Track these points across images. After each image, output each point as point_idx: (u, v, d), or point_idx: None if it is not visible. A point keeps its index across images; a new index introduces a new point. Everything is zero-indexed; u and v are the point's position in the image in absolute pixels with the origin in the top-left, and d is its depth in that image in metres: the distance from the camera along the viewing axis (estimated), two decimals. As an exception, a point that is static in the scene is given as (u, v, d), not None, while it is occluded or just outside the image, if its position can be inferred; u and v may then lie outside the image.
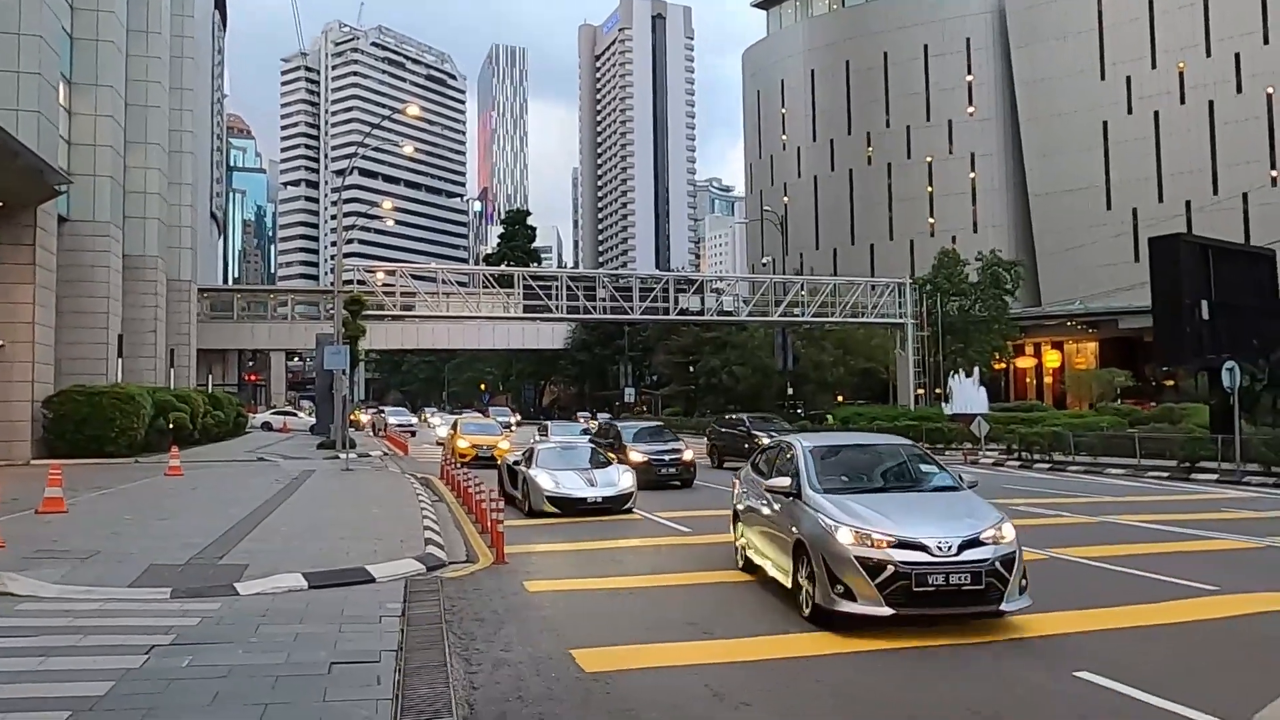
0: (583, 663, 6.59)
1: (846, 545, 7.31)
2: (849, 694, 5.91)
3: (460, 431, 27.96)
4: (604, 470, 16.46)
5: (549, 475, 15.74)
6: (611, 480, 16.02)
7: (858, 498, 8.10)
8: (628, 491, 15.81)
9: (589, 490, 15.52)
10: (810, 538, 7.67)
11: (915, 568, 7.10)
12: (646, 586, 9.64)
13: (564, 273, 56.51)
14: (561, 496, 15.28)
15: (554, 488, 15.35)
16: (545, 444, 18.20)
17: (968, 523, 7.61)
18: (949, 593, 7.12)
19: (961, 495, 8.48)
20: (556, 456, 16.88)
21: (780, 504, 8.62)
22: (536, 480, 15.53)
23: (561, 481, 15.56)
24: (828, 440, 10.23)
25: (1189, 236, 31.33)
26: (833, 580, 7.28)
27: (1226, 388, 22.60)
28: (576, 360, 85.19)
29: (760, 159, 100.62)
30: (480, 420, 35.50)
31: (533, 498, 15.45)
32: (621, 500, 15.63)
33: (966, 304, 58.39)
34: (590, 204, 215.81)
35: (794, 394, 51.07)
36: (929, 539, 7.23)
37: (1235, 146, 67.13)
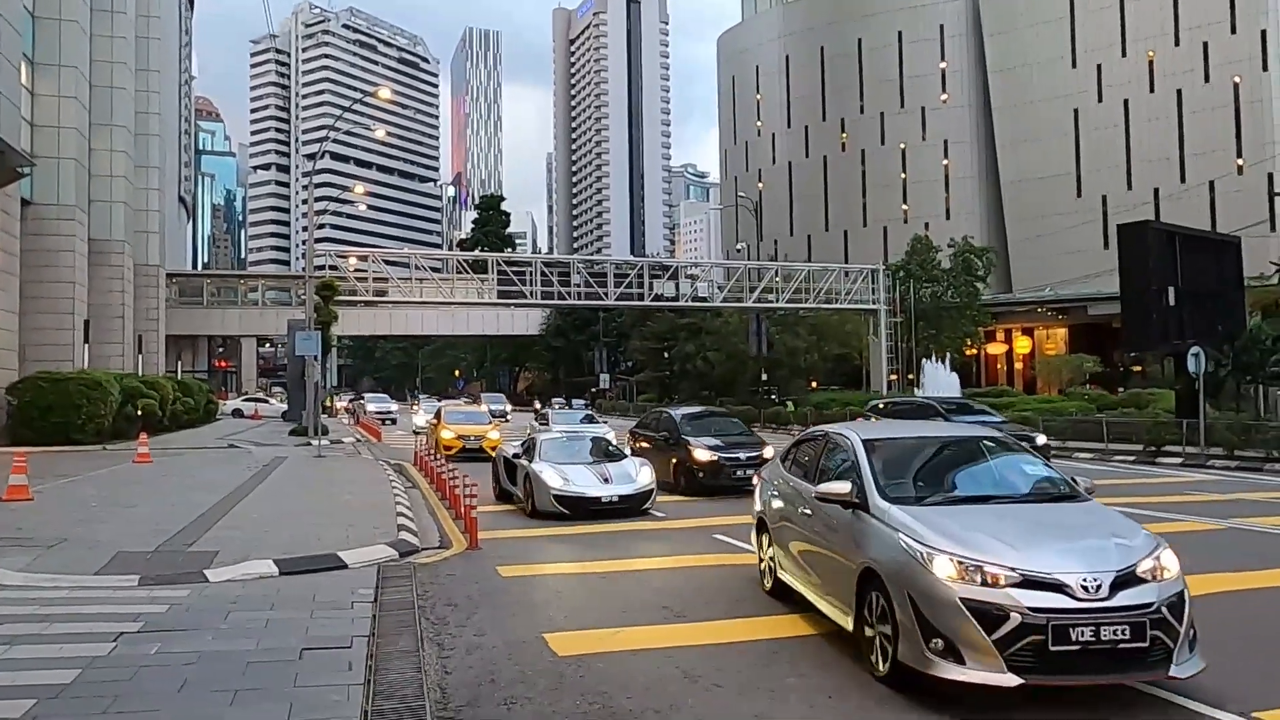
0: (555, 647, 6.61)
1: (947, 582, 5.28)
2: (819, 673, 5.95)
3: (444, 420, 24.97)
4: (618, 464, 14.44)
5: (555, 470, 13.67)
6: (628, 475, 13.97)
7: (948, 511, 6.06)
8: (647, 488, 13.85)
9: (603, 488, 13.51)
10: (888, 567, 5.67)
11: (1052, 617, 5.03)
12: (620, 571, 9.66)
13: (538, 258, 56.29)
14: (571, 495, 13.30)
15: (562, 485, 13.36)
16: (549, 434, 16.27)
17: (1116, 549, 5.52)
18: (1100, 653, 5.06)
19: (1087, 507, 6.37)
20: (562, 448, 14.95)
21: (834, 516, 6.56)
22: (541, 476, 13.52)
23: (571, 478, 13.54)
24: (887, 432, 8.15)
25: (1157, 224, 31.73)
26: (927, 631, 5.25)
27: (1192, 373, 22.99)
28: (551, 346, 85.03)
29: (735, 145, 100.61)
30: (466, 408, 32.97)
31: (537, 496, 13.53)
32: (640, 499, 13.70)
33: (939, 290, 58.79)
34: (565, 189, 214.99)
35: (768, 380, 51.25)
36: (1067, 574, 5.18)
37: (1203, 135, 67.97)
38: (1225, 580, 8.66)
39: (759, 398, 47.90)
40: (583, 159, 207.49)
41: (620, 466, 14.30)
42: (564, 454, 14.58)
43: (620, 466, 14.30)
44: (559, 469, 13.75)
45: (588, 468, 14.09)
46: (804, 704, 5.42)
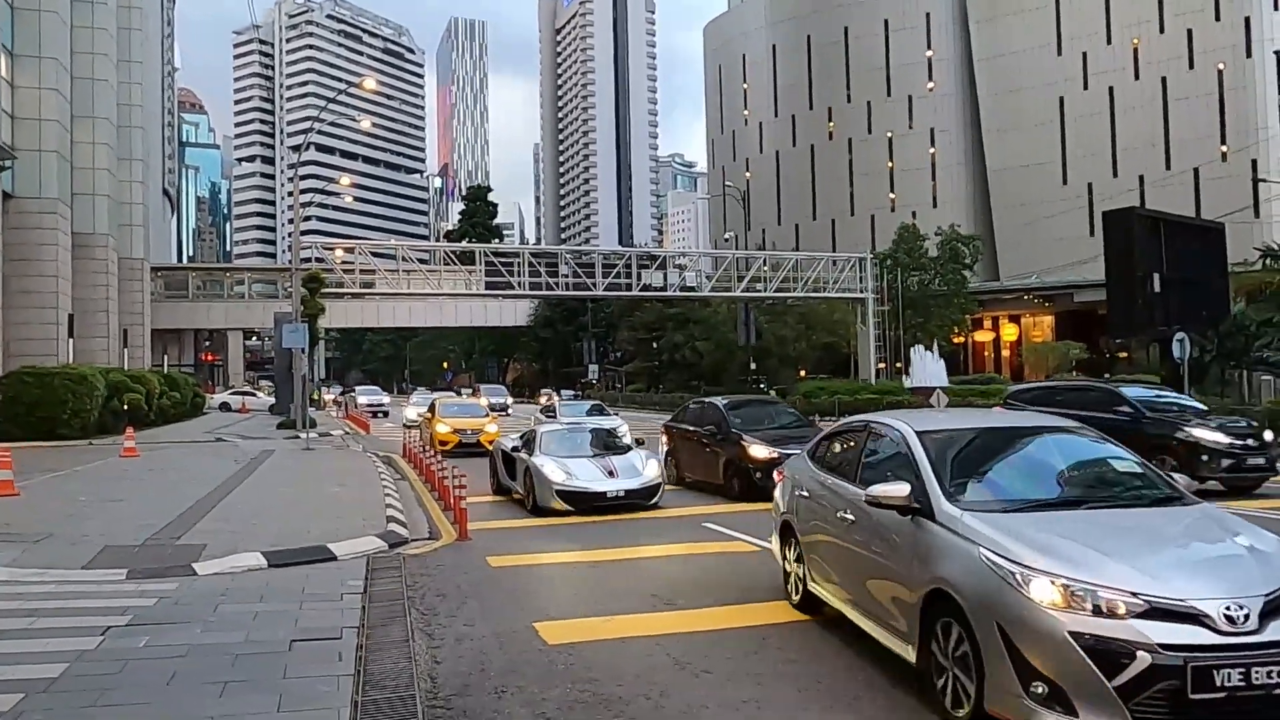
0: (545, 635, 6.62)
1: (1050, 610, 4.23)
2: (807, 660, 5.98)
3: (439, 414, 23.69)
4: (623, 456, 13.83)
5: (557, 464, 13.10)
6: (634, 469, 13.39)
7: (1037, 519, 4.96)
8: (654, 482, 13.27)
9: (608, 482, 12.95)
10: (967, 590, 4.59)
11: (1191, 656, 4.00)
12: (610, 560, 9.68)
13: (526, 249, 56.17)
14: (575, 490, 12.75)
15: (565, 480, 12.80)
16: (550, 427, 15.47)
17: (1259, 566, 4.49)
18: (1252, 700, 4.00)
19: (1203, 510, 5.29)
20: (564, 441, 14.29)
21: (887, 524, 5.49)
22: (543, 471, 12.94)
23: (574, 472, 12.98)
24: (944, 422, 6.68)
25: (1142, 211, 31.83)
26: (1025, 673, 4.23)
27: (1176, 359, 23.20)
28: (539, 337, 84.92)
29: (722, 134, 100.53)
30: (462, 400, 32.15)
31: (538, 491, 12.93)
32: (647, 493, 13.10)
33: (926, 278, 59.04)
34: (552, 180, 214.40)
35: (757, 369, 51.38)
36: (1205, 600, 4.16)
37: (1187, 122, 68.28)
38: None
39: (748, 387, 47.98)
40: (570, 149, 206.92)
41: (625, 459, 13.67)
42: (566, 447, 13.93)
43: (625, 459, 13.67)
44: (561, 463, 13.16)
45: (591, 461, 13.47)
46: (793, 689, 5.45)
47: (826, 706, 5.18)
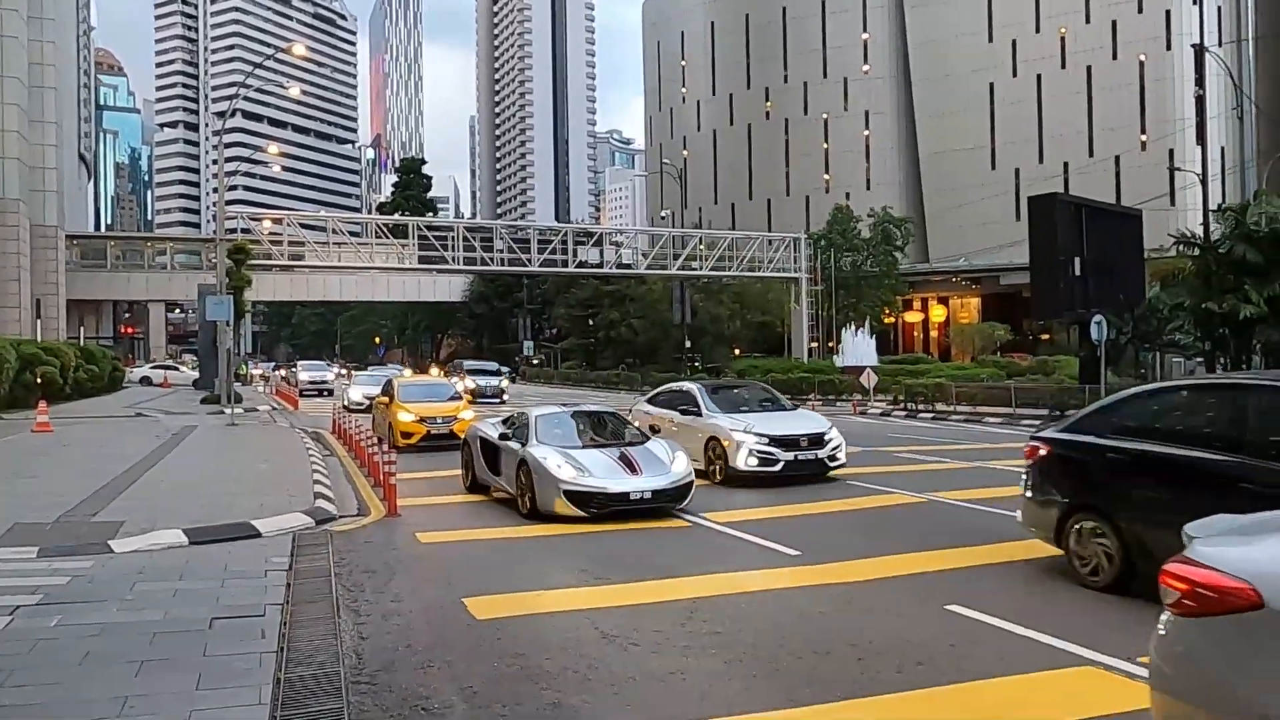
0: (474, 610, 6.60)
1: None
2: (734, 631, 6.09)
3: (399, 397, 18.76)
4: (642, 447, 11.13)
5: (563, 457, 10.44)
6: (659, 463, 10.71)
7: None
8: (685, 479, 10.64)
9: (630, 480, 10.31)
10: None
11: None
12: (540, 535, 9.68)
13: (460, 223, 55.38)
14: (588, 491, 10.09)
15: (575, 477, 10.17)
16: (545, 409, 12.49)
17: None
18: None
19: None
20: (565, 426, 11.79)
21: None
22: (545, 465, 10.32)
23: (587, 467, 10.35)
24: None
25: (1065, 196, 32.82)
26: None
27: (1094, 340, 24.00)
28: (475, 313, 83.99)
29: (660, 111, 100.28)
30: (425, 380, 26.84)
31: (539, 491, 10.31)
32: (678, 494, 10.53)
33: (859, 259, 59.98)
34: (488, 153, 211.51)
35: (692, 347, 51.67)
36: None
37: (1110, 111, 70.36)
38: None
39: (683, 365, 48.26)
40: (506, 123, 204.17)
41: (646, 451, 11.01)
42: (568, 435, 11.51)
43: (646, 451, 11.01)
44: (566, 454, 10.52)
45: (603, 452, 10.86)
46: (719, 660, 5.54)
47: (751, 675, 5.28)
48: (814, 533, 9.48)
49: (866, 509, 11.05)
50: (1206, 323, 26.97)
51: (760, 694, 4.95)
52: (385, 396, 19.60)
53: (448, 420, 18.06)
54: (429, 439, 17.88)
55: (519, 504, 10.79)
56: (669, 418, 14.84)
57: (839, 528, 9.91)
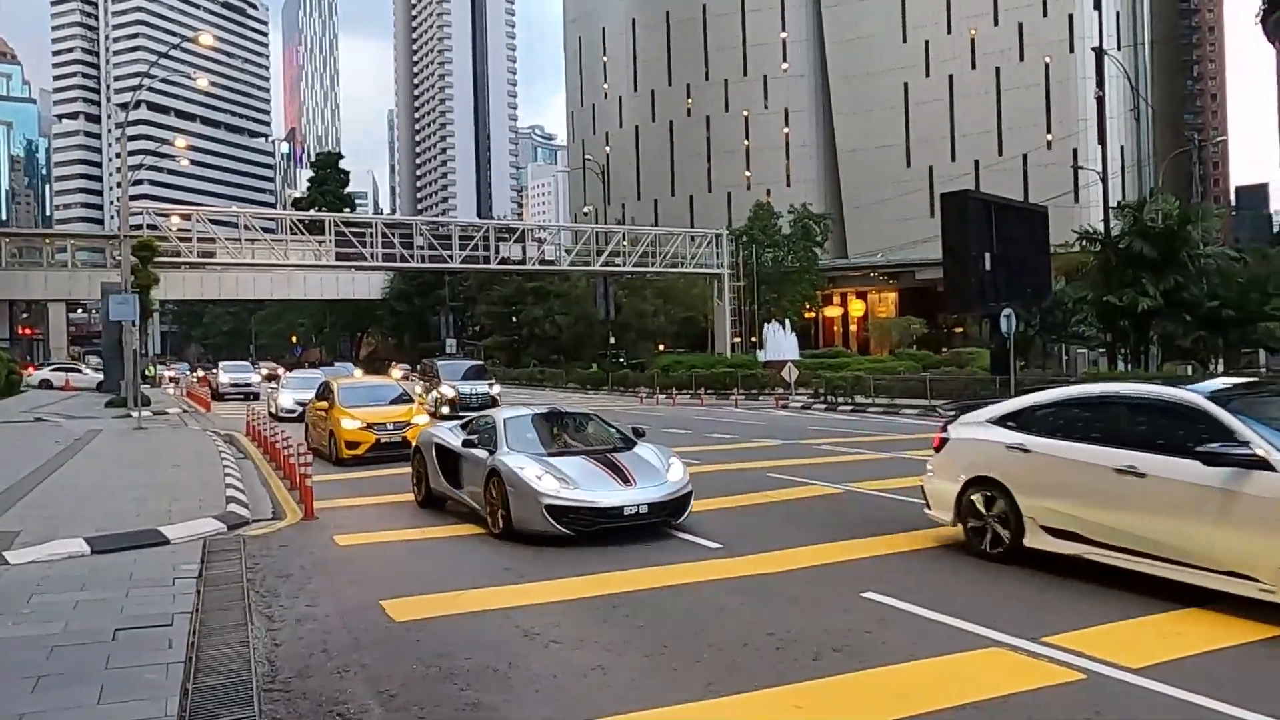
0: (392, 613, 6.50)
1: None
2: (654, 626, 6.12)
3: (340, 401, 16.43)
4: (630, 454, 9.78)
5: (543, 466, 9.12)
6: (653, 471, 9.39)
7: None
8: (684, 490, 9.32)
9: (622, 492, 8.96)
10: None
11: None
12: (461, 535, 9.57)
13: (379, 219, 54.36)
14: (576, 506, 8.76)
15: (559, 490, 8.82)
16: (514, 411, 11.10)
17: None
18: None
19: None
20: (541, 430, 10.43)
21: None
22: (521, 476, 8.97)
23: (571, 477, 8.98)
24: None
25: (975, 194, 33.77)
26: None
27: (1004, 333, 24.82)
28: (395, 311, 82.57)
29: (582, 107, 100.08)
30: (369, 380, 22.86)
31: (515, 506, 8.95)
32: (676, 508, 9.22)
33: (780, 255, 60.91)
34: (407, 148, 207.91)
35: (616, 343, 51.75)
36: None
37: (1018, 111, 72.85)
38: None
39: (607, 361, 48.30)
40: (426, 117, 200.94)
41: (636, 457, 9.69)
42: (544, 440, 10.19)
43: (636, 457, 9.69)
44: (546, 463, 9.21)
45: (588, 460, 9.48)
46: (640, 654, 5.56)
47: (672, 668, 5.32)
48: (735, 526, 9.59)
49: (786, 501, 11.23)
50: (1108, 315, 28.20)
51: (681, 686, 4.99)
52: (323, 401, 17.16)
53: (400, 426, 15.97)
54: (378, 449, 15.57)
55: (489, 522, 9.30)
56: None
57: (760, 520, 10.04)
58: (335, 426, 15.93)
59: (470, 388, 26.76)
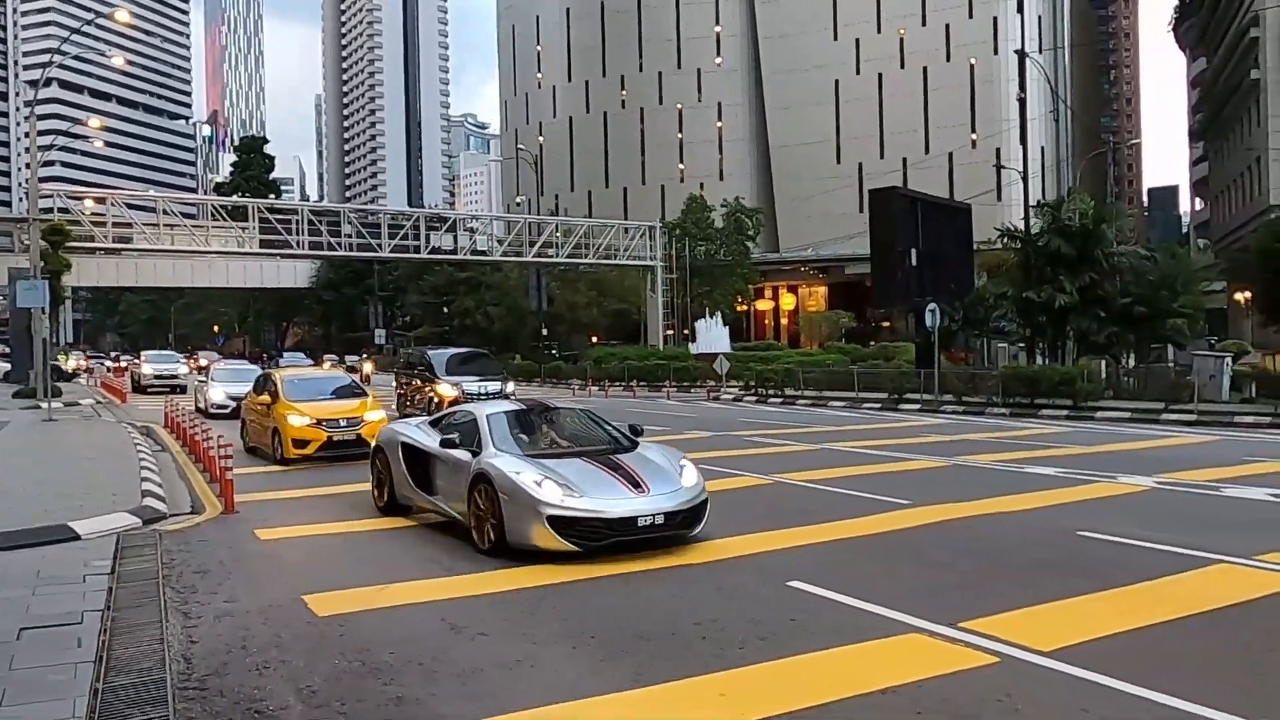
0: (315, 608, 6.37)
1: None
2: (581, 617, 6.13)
3: (285, 395, 15.03)
4: (636, 455, 8.69)
5: (541, 470, 7.98)
6: (663, 475, 8.28)
7: None
8: (700, 498, 8.25)
9: (635, 500, 7.84)
10: None
11: None
12: (387, 529, 9.43)
13: (305, 206, 53.16)
14: (584, 517, 7.63)
15: (563, 499, 7.66)
16: (497, 406, 9.84)
17: None
18: None
19: None
20: (531, 430, 9.35)
21: None
22: (519, 483, 7.78)
23: (576, 484, 7.83)
24: None
25: (902, 190, 34.48)
26: None
27: (929, 327, 25.39)
28: (322, 300, 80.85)
29: (515, 96, 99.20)
30: (314, 372, 22.33)
31: (510, 517, 7.75)
32: (692, 517, 8.16)
33: (712, 249, 61.39)
34: (335, 135, 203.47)
35: (549, 334, 51.54)
36: None
37: (944, 110, 74.55)
38: (947, 510, 9.70)
39: (540, 352, 48.07)
40: (355, 103, 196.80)
41: (642, 459, 8.59)
42: (535, 440, 9.15)
43: (642, 459, 8.59)
44: (545, 468, 8.04)
45: (590, 463, 8.35)
46: (567, 646, 5.56)
47: (599, 659, 5.33)
48: (665, 516, 9.62)
49: (716, 491, 11.26)
50: (1027, 311, 29.05)
51: (608, 677, 5.00)
52: (264, 396, 15.55)
53: (353, 423, 14.65)
54: (330, 448, 14.29)
55: (476, 536, 8.10)
56: None
57: (689, 511, 10.10)
58: (280, 423, 14.49)
59: (479, 386, 20.80)
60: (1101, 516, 9.31)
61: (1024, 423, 21.14)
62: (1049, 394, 23.22)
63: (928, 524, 9.11)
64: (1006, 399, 23.97)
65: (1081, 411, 22.00)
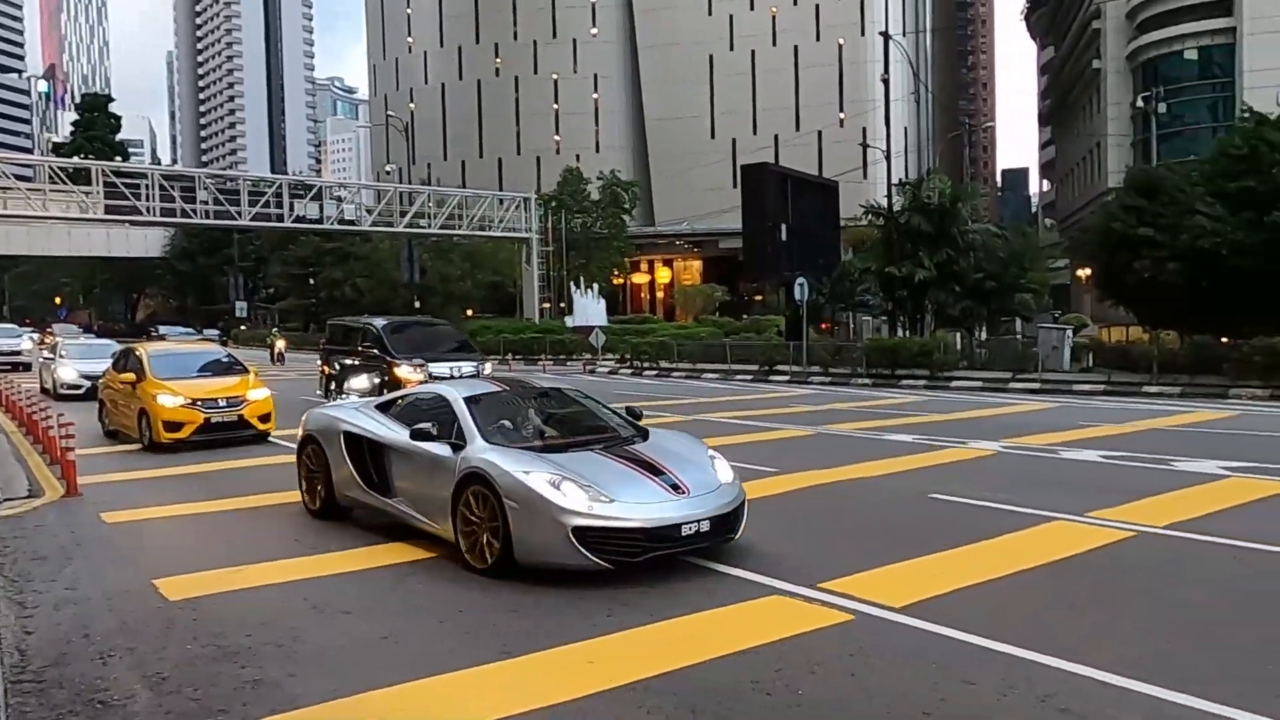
0: (166, 592, 6.08)
1: None
2: (449, 592, 6.06)
3: (152, 373, 13.55)
4: (654, 445, 7.25)
5: (555, 470, 6.36)
6: (693, 467, 6.89)
7: None
8: (741, 497, 6.90)
9: (675, 503, 6.41)
10: None
11: None
12: (246, 509, 9.07)
13: (156, 170, 49.97)
14: (620, 528, 6.15)
15: (591, 506, 6.15)
16: (475, 389, 7.99)
17: None
18: None
19: None
20: (523, 416, 7.77)
21: None
22: (530, 486, 6.21)
23: (605, 488, 6.29)
24: None
25: (773, 167, 35.20)
26: None
27: (798, 301, 26.16)
28: (177, 270, 76.55)
29: (385, 61, 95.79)
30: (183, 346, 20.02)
31: (521, 529, 6.19)
32: (735, 519, 6.77)
33: (589, 221, 61.21)
34: (190, 95, 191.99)
35: (421, 307, 50.34)
36: None
37: (814, 89, 76.38)
38: (811, 477, 10.05)
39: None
40: (211, 61, 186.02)
41: (663, 449, 7.14)
42: (531, 430, 7.58)
43: (663, 449, 7.14)
44: (556, 465, 6.47)
45: (606, 456, 6.86)
46: (433, 620, 5.50)
47: (464, 632, 5.30)
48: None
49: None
50: (889, 285, 30.30)
51: (473, 650, 4.97)
52: (127, 374, 13.88)
53: (235, 403, 13.38)
54: (209, 431, 13.07)
55: (468, 551, 6.48)
56: None
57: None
58: (148, 404, 13.04)
59: (450, 368, 17.22)
60: (952, 480, 9.86)
61: (886, 392, 22.09)
62: (909, 365, 24.32)
63: (792, 490, 9.43)
64: (870, 370, 24.97)
65: (938, 381, 23.16)
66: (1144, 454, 11.32)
